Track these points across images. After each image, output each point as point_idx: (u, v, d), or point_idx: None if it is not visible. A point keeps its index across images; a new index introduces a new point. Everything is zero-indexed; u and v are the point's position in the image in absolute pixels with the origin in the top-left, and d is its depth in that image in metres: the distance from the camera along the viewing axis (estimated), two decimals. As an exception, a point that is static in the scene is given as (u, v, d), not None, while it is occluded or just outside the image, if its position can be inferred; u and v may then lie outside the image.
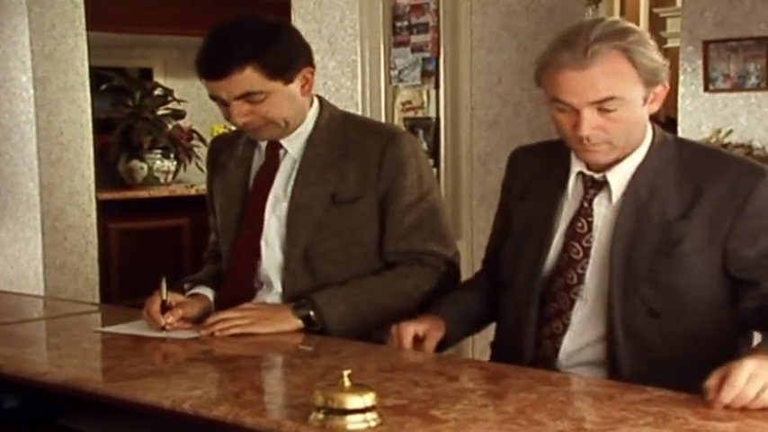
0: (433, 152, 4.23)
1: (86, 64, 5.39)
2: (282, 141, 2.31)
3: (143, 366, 1.98)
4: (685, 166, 1.95)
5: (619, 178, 1.96)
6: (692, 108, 4.79)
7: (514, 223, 2.12)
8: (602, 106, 1.86)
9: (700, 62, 4.66)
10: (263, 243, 2.34)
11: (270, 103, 2.19)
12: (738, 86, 4.62)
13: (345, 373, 1.51)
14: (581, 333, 1.97)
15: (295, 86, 2.22)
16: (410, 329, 2.06)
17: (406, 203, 2.27)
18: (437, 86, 4.24)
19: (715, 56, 4.62)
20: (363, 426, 1.49)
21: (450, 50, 4.14)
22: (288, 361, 2.03)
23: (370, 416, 1.50)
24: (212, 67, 2.19)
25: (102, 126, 5.98)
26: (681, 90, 4.78)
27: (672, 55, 7.88)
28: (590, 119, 1.86)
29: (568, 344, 1.98)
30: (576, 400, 1.64)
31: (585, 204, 1.99)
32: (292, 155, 2.32)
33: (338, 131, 2.31)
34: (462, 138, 4.14)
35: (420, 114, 4.32)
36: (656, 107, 1.96)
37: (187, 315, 2.27)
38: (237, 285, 2.35)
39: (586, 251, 1.97)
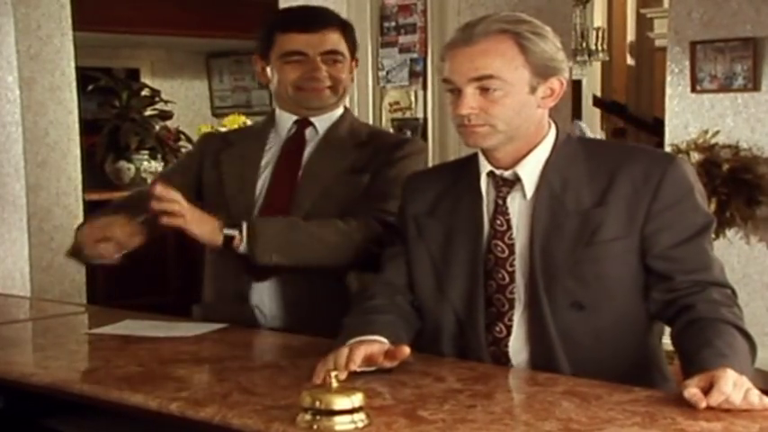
0: (421, 153, 4.23)
1: (73, 64, 5.36)
2: (314, 119, 2.45)
3: (129, 367, 1.97)
4: (595, 159, 1.95)
5: (528, 172, 1.95)
6: (680, 109, 4.80)
7: (431, 236, 2.04)
8: (481, 85, 1.87)
9: (687, 63, 4.67)
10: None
11: (343, 69, 2.43)
12: (725, 87, 4.63)
13: (333, 373, 1.51)
14: (522, 334, 1.94)
15: (351, 66, 2.48)
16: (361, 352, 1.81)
17: (381, 174, 2.36)
18: (425, 87, 4.25)
19: (702, 57, 4.63)
20: (351, 427, 1.49)
21: (438, 51, 4.14)
22: (275, 362, 2.02)
23: (358, 417, 1.50)
24: (313, 17, 2.46)
25: (88, 127, 5.96)
26: (668, 91, 4.79)
27: (659, 55, 7.91)
28: (470, 97, 1.88)
29: (513, 348, 1.94)
30: (563, 400, 1.64)
31: (500, 202, 1.97)
32: (320, 133, 2.45)
33: (357, 130, 2.50)
34: (450, 138, 4.15)
35: (408, 115, 4.32)
36: (550, 103, 1.95)
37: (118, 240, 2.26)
38: None
39: (511, 248, 1.95)
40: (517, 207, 1.96)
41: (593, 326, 1.90)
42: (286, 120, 2.47)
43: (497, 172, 1.97)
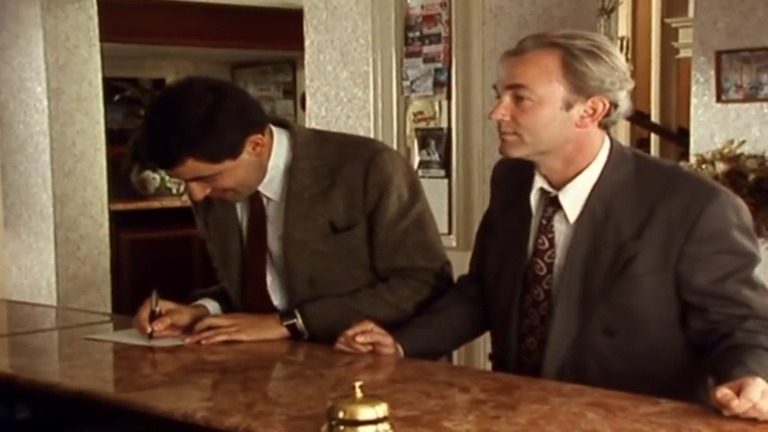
0: (445, 162, 4.23)
1: (100, 75, 5.41)
2: (260, 189, 2.30)
3: (155, 377, 1.98)
4: (642, 186, 1.93)
5: (572, 197, 1.95)
6: (705, 119, 4.77)
7: (499, 235, 2.12)
8: (515, 93, 1.90)
9: (712, 72, 4.64)
10: (268, 280, 2.36)
11: (223, 178, 2.20)
12: (751, 97, 4.60)
13: (357, 384, 1.51)
14: (554, 350, 1.96)
15: (246, 155, 2.20)
16: (370, 326, 2.10)
17: (387, 223, 2.27)
18: (449, 97, 4.24)
19: (727, 66, 4.60)
20: (375, 437, 1.49)
21: (463, 61, 4.14)
22: (299, 371, 2.03)
23: (382, 427, 1.49)
24: (155, 161, 2.24)
25: (115, 137, 6.01)
26: (693, 101, 4.76)
27: (684, 65, 7.87)
28: (505, 103, 1.91)
29: (544, 362, 1.97)
30: (588, 411, 1.64)
31: (545, 222, 1.99)
32: (274, 198, 2.31)
33: (318, 157, 2.29)
34: (474, 148, 4.14)
35: (432, 125, 4.32)
36: (590, 123, 1.92)
37: (177, 323, 2.31)
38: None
39: (550, 267, 1.98)
40: (564, 228, 1.97)
41: (624, 352, 1.91)
42: None
43: (546, 190, 1.99)
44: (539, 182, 2.00)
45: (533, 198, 2.01)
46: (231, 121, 2.16)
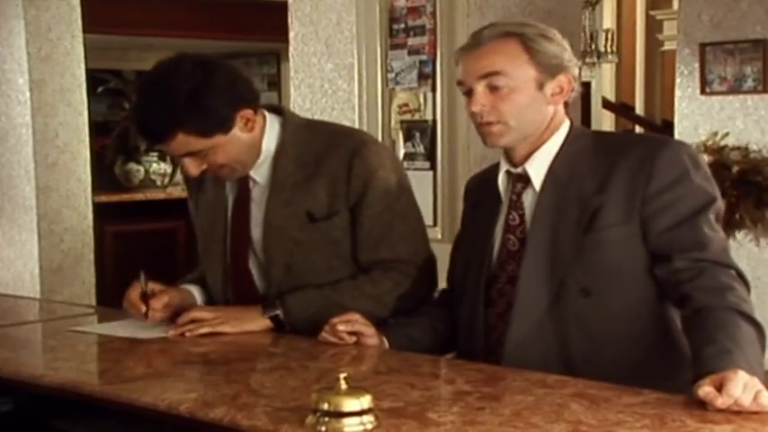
0: (430, 155, 4.23)
1: (83, 66, 5.38)
2: (250, 172, 2.32)
3: (139, 369, 1.98)
4: (600, 150, 2.01)
5: (537, 166, 2.02)
6: (689, 111, 4.79)
7: (468, 230, 2.19)
8: (489, 82, 1.97)
9: (696, 65, 4.66)
10: (251, 267, 2.37)
11: (216, 153, 2.21)
12: (735, 89, 4.62)
13: (342, 375, 1.51)
14: (519, 313, 1.98)
15: (237, 130, 2.21)
16: (354, 316, 2.11)
17: (372, 215, 2.27)
18: (434, 89, 4.25)
19: (711, 58, 4.62)
20: (360, 428, 1.49)
21: (447, 53, 4.14)
22: (283, 363, 2.03)
23: (367, 418, 1.50)
24: (147, 136, 2.32)
25: (98, 129, 5.99)
26: (677, 93, 4.79)
27: (668, 58, 7.90)
28: (480, 95, 1.98)
29: (524, 336, 1.98)
30: (572, 402, 1.64)
31: (514, 198, 2.04)
32: (261, 182, 2.33)
33: (304, 145, 2.30)
34: (459, 140, 4.15)
35: (417, 117, 4.32)
36: (560, 99, 2.02)
37: (172, 302, 2.32)
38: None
39: (522, 242, 2.01)
40: (531, 201, 2.02)
41: (603, 311, 1.94)
42: None
43: (512, 170, 2.05)
44: (504, 165, 2.07)
45: (501, 182, 2.07)
46: (220, 95, 2.17)
